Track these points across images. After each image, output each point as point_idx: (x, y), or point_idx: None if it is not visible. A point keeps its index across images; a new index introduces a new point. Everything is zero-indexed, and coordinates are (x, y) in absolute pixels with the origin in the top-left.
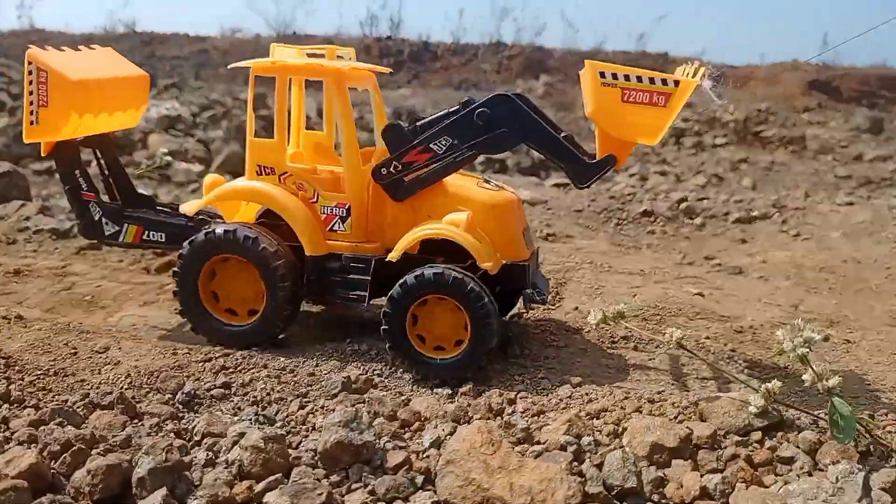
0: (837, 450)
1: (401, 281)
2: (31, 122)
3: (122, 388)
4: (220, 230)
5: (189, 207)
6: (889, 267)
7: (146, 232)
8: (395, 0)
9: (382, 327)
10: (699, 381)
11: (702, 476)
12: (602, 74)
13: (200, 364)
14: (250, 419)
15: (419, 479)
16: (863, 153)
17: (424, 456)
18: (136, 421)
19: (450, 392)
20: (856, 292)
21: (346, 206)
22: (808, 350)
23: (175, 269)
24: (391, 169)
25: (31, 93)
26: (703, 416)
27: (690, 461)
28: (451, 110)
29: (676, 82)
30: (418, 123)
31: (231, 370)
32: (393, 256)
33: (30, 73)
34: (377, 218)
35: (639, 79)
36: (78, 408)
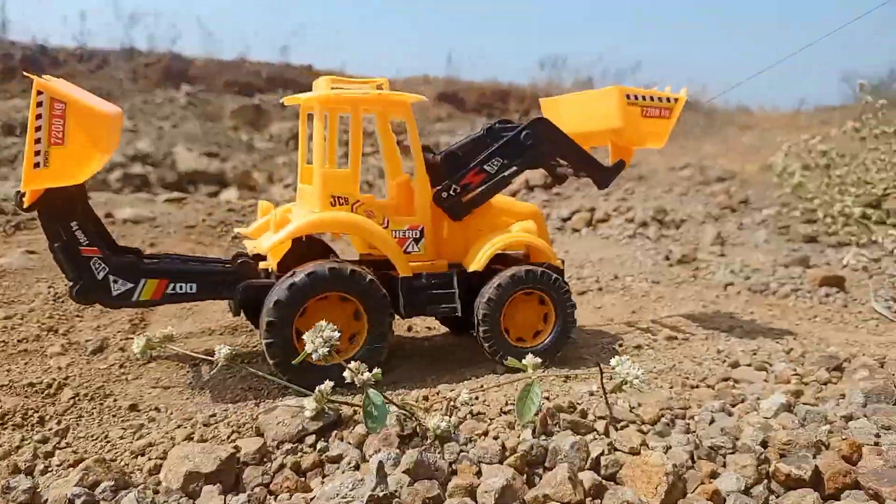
0: (379, 439)
1: (505, 277)
2: (37, 165)
3: None
4: (343, 268)
5: (262, 245)
6: None
7: (171, 285)
8: None
9: (483, 326)
10: (267, 392)
11: (235, 496)
12: (628, 96)
13: None
14: None
15: None
16: None
17: None
18: None
19: None
20: None
21: (420, 228)
22: (329, 349)
23: (272, 307)
24: (451, 192)
25: (38, 128)
26: (259, 430)
27: (220, 484)
28: (476, 135)
29: (676, 99)
30: (448, 152)
31: None
32: (479, 266)
33: (39, 104)
34: (438, 236)
35: (652, 98)
36: None
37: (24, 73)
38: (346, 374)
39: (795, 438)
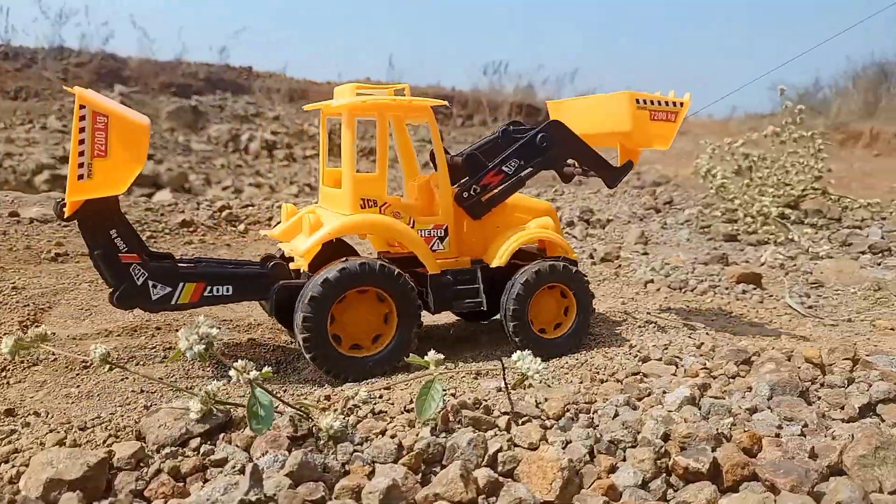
0: (267, 441)
1: (530, 272)
2: (81, 177)
3: None
4: (391, 268)
5: (299, 247)
6: None
7: (209, 288)
8: None
9: (512, 319)
10: (160, 395)
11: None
12: (637, 101)
13: None
14: None
15: None
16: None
17: None
18: None
19: None
20: None
21: (444, 227)
22: (206, 347)
23: (320, 285)
24: (471, 192)
25: (81, 141)
26: (140, 434)
27: (80, 492)
28: (491, 137)
29: (681, 103)
30: (469, 154)
31: None
32: (502, 261)
33: (81, 118)
34: (460, 234)
35: (659, 102)
36: None
37: (64, 88)
38: (232, 373)
39: (696, 431)
